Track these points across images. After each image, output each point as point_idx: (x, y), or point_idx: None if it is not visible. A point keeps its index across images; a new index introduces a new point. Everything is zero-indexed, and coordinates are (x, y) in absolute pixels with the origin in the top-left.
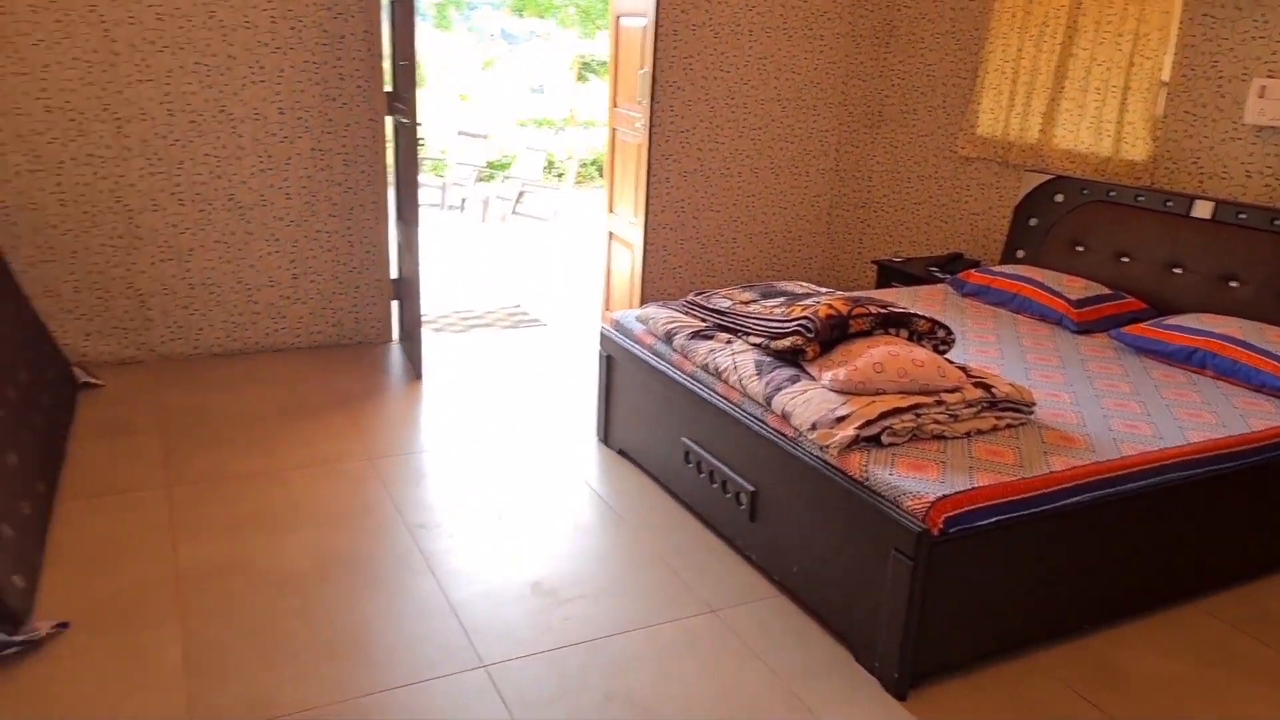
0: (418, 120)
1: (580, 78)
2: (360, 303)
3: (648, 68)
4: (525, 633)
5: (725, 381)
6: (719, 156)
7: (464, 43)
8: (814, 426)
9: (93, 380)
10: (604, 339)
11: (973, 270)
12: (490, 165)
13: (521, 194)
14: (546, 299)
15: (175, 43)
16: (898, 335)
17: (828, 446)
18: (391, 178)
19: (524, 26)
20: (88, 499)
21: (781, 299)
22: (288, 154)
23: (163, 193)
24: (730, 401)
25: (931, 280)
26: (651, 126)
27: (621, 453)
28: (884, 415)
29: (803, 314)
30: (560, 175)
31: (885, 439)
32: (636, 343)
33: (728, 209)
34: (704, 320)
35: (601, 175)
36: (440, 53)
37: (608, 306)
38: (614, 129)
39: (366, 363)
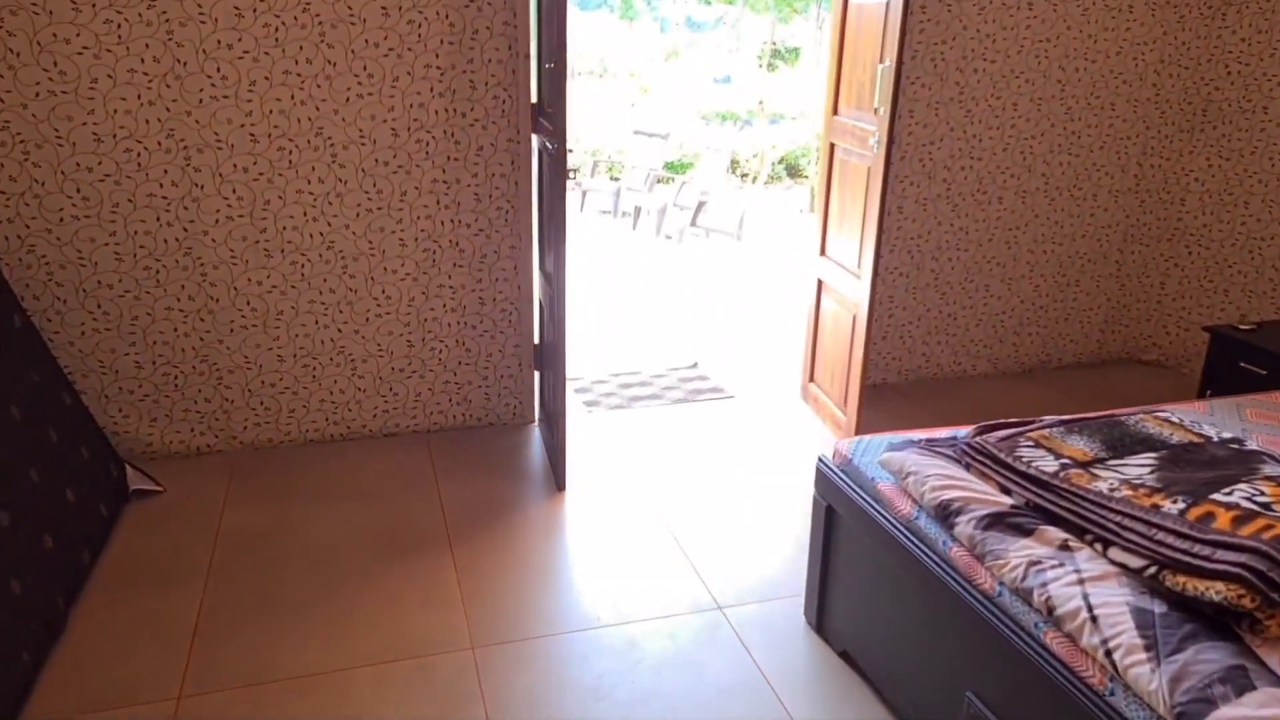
0: (567, 144)
1: (770, 67)
2: (493, 375)
3: (890, 60)
4: None
5: (1064, 633)
6: (972, 177)
7: (648, 32)
8: None
9: (148, 486)
10: (822, 480)
11: None
12: (669, 167)
13: (702, 204)
14: (731, 355)
15: (258, 46)
16: None
17: None
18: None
19: (712, 14)
20: None
21: (1174, 471)
22: (403, 188)
23: (244, 241)
24: (1070, 670)
25: None
26: (890, 142)
27: (845, 656)
28: None
29: (1254, 540)
30: (745, 176)
31: None
32: (879, 505)
33: (979, 246)
34: (1004, 484)
35: (792, 175)
36: (623, 44)
37: (811, 378)
38: (831, 144)
39: (496, 457)
